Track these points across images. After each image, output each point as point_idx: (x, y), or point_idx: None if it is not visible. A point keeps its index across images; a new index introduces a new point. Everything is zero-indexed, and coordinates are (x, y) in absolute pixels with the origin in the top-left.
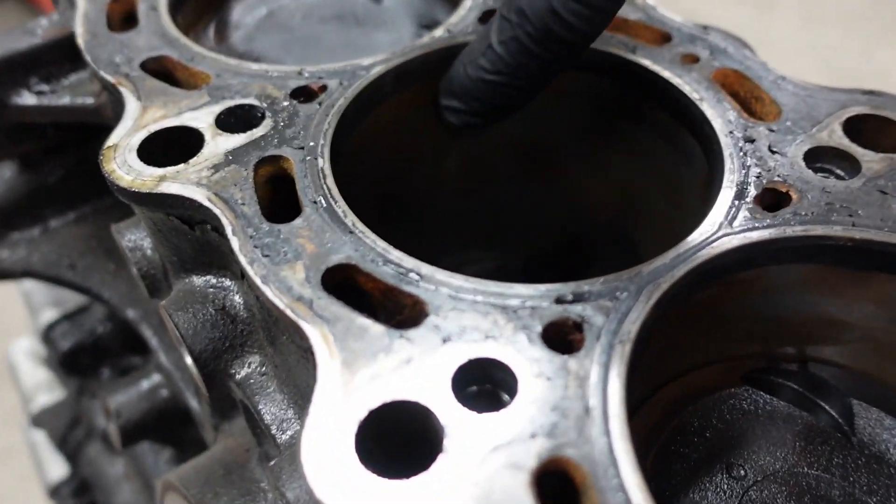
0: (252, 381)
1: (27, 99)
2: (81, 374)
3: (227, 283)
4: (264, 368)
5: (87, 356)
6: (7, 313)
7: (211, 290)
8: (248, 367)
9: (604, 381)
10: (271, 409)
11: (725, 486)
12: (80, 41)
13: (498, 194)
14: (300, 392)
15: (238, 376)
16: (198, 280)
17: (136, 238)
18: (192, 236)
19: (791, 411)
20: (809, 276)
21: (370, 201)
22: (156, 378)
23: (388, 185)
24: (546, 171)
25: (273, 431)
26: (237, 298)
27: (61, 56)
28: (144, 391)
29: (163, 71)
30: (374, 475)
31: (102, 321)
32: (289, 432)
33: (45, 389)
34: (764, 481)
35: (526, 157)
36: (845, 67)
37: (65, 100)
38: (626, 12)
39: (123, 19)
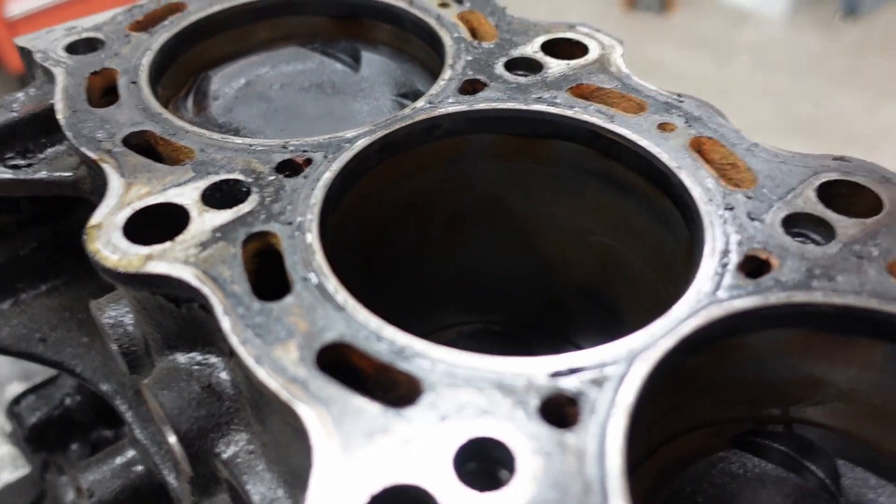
0: (239, 459)
1: (2, 173)
2: (49, 449)
3: (213, 359)
4: (252, 447)
5: (54, 430)
6: None
7: (196, 367)
8: (236, 445)
9: (601, 455)
10: (260, 489)
11: None
12: (61, 117)
13: (478, 257)
14: (291, 472)
15: (224, 455)
16: (182, 357)
17: (116, 314)
18: (178, 314)
19: (779, 473)
20: (793, 341)
21: (356, 268)
22: (130, 453)
23: (373, 251)
24: (525, 235)
25: None
26: (223, 375)
27: (38, 130)
28: (118, 468)
29: (145, 146)
30: None
31: (71, 393)
32: None
33: (9, 466)
34: None
35: (505, 221)
36: (799, 113)
37: (41, 174)
38: (602, 81)
39: (104, 93)
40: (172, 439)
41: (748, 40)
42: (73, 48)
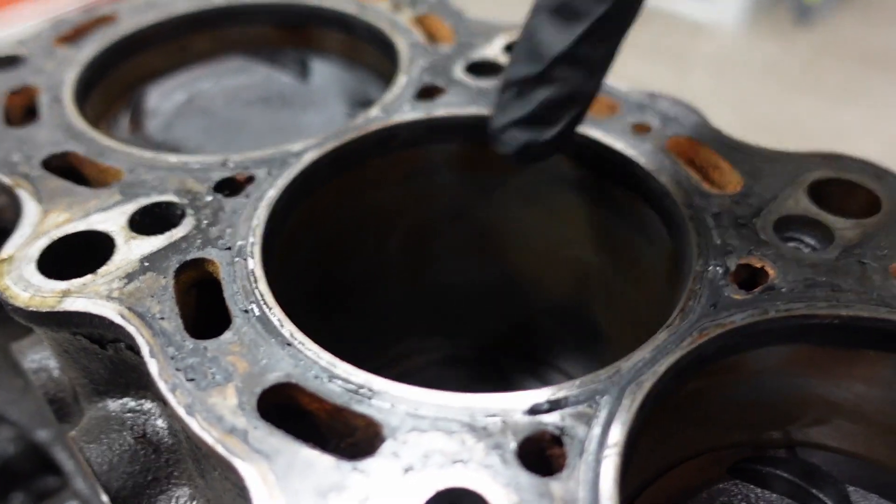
0: None
1: None
2: None
3: (148, 405)
4: (195, 502)
5: None
6: None
7: (128, 414)
8: (175, 501)
9: (593, 501)
10: None
11: None
12: None
13: (443, 277)
14: None
15: None
16: (113, 404)
17: (39, 358)
18: (105, 356)
19: None
20: (794, 357)
21: (306, 295)
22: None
23: (325, 275)
24: (493, 251)
25: None
26: (160, 423)
27: None
28: None
29: (68, 168)
30: None
31: (13, 440)
32: None
33: None
34: None
35: (471, 236)
36: (759, 118)
37: None
38: None
39: (24, 113)
40: (104, 498)
41: (706, 50)
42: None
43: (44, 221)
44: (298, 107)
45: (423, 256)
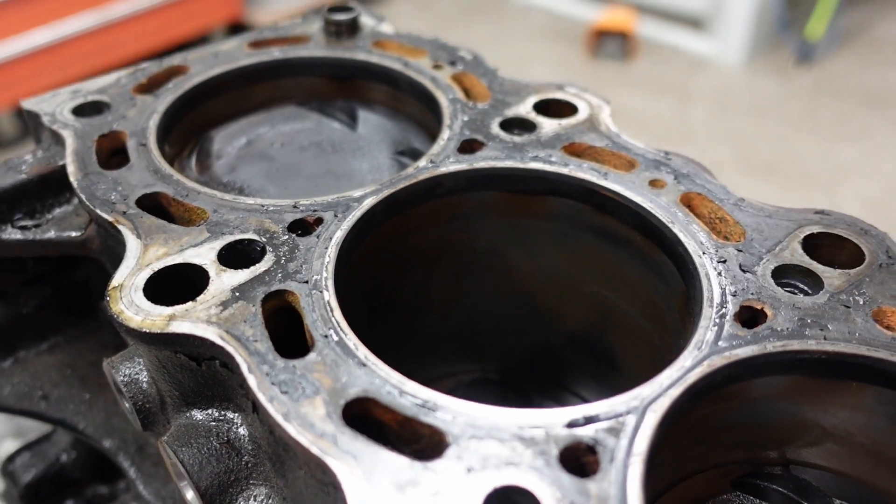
0: None
1: (11, 234)
2: None
3: (231, 415)
4: (271, 501)
5: (49, 488)
6: None
7: (214, 423)
8: (254, 499)
9: (623, 500)
10: None
11: None
12: (73, 180)
13: (477, 308)
14: None
15: None
16: (199, 414)
17: (131, 372)
18: (198, 371)
19: None
20: (788, 386)
21: (360, 320)
22: None
23: (377, 304)
24: (522, 286)
25: None
26: (242, 431)
27: (46, 191)
28: None
29: (158, 207)
30: None
31: (67, 449)
32: None
33: None
34: None
35: (503, 272)
36: (758, 155)
37: (50, 234)
38: (593, 139)
39: (111, 155)
40: (189, 495)
41: (707, 86)
42: (79, 111)
43: (145, 254)
44: (347, 152)
45: (460, 289)
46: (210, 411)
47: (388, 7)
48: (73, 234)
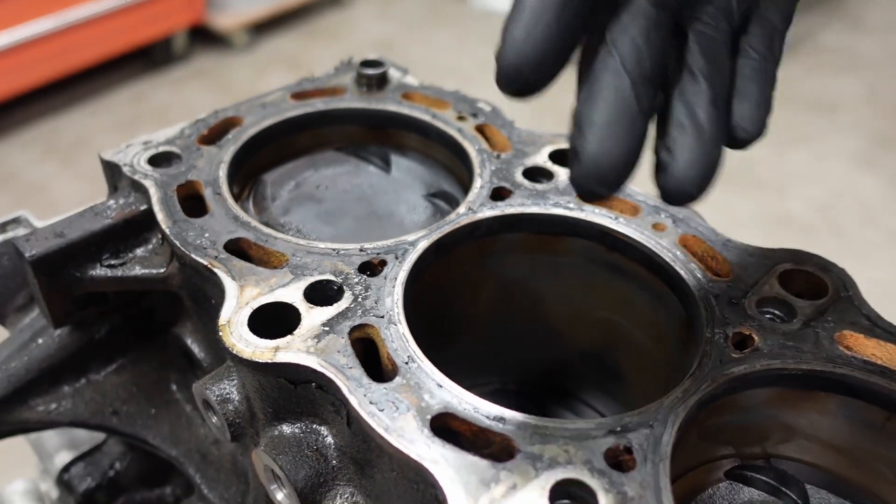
0: None
1: (99, 272)
2: None
3: (318, 427)
4: (355, 497)
5: (103, 494)
6: None
7: (303, 434)
8: (340, 497)
9: (657, 490)
10: None
11: None
12: (165, 227)
13: (501, 330)
14: None
15: None
16: (288, 427)
17: (222, 392)
18: (293, 392)
19: (765, 499)
20: (771, 396)
21: (421, 339)
22: None
23: (424, 329)
24: (541, 311)
25: None
26: (328, 440)
27: (129, 233)
28: None
29: (241, 251)
30: None
31: (118, 458)
32: None
33: None
34: None
35: (526, 300)
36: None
37: (136, 271)
38: None
39: (191, 203)
40: (280, 496)
41: None
42: (154, 161)
43: (242, 295)
44: (384, 193)
45: (490, 315)
46: (299, 424)
47: (352, 10)
48: (157, 271)
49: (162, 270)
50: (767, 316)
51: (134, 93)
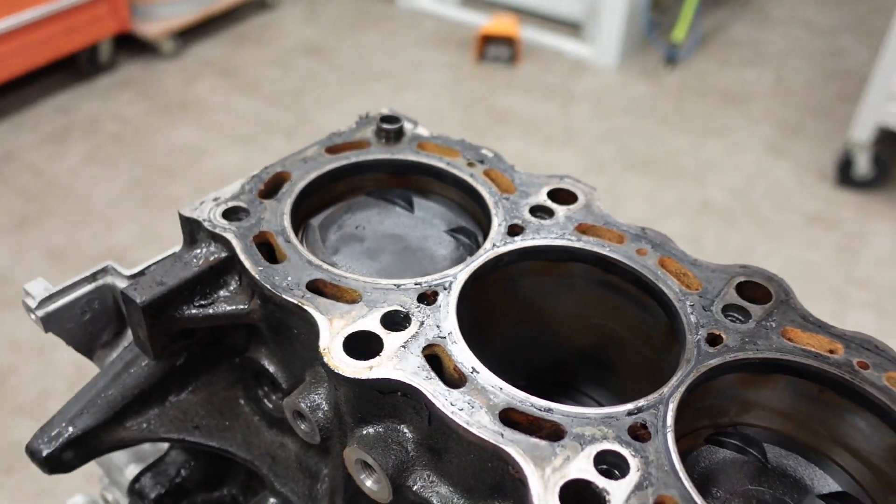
0: (424, 487)
1: (193, 311)
2: None
3: (398, 426)
4: (431, 478)
5: (171, 499)
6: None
7: (386, 432)
8: (420, 479)
9: (668, 452)
10: (443, 499)
11: None
12: (254, 273)
13: (514, 336)
14: (469, 489)
15: (414, 487)
16: (373, 427)
17: (312, 402)
18: (382, 400)
19: (734, 457)
20: (736, 379)
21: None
22: (272, 500)
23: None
24: (546, 318)
25: None
26: (408, 435)
27: (213, 278)
28: None
29: (319, 290)
30: None
31: (181, 466)
32: None
33: None
34: (732, 498)
35: (534, 311)
36: (636, 152)
37: (225, 308)
38: (593, 220)
39: (265, 250)
40: (369, 482)
41: (587, 88)
42: (227, 215)
43: (332, 326)
44: (411, 230)
45: (506, 327)
46: (382, 424)
47: (278, 13)
48: (241, 307)
49: (245, 307)
50: (730, 319)
51: (59, 104)
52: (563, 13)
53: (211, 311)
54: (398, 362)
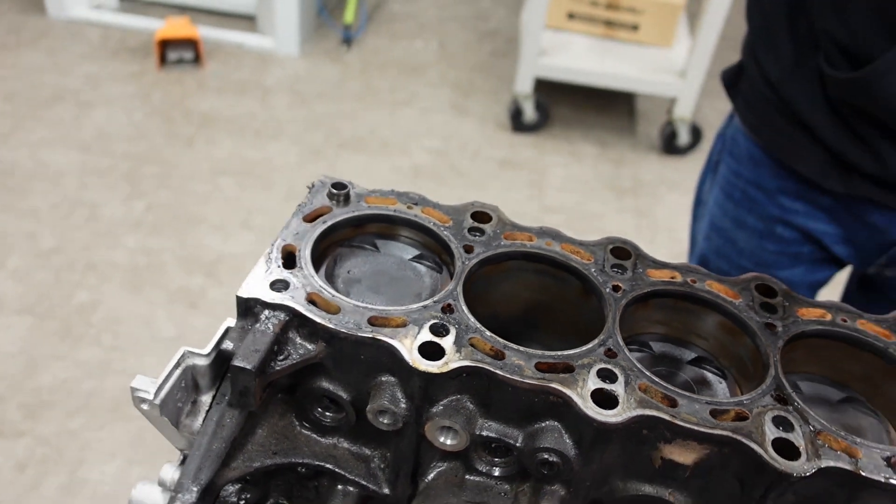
0: (483, 428)
1: (277, 366)
2: None
3: (458, 396)
4: (490, 422)
5: None
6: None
7: (452, 402)
8: (480, 425)
9: (630, 386)
10: (499, 432)
11: None
12: (329, 324)
13: (509, 328)
14: (511, 420)
15: (478, 431)
16: (443, 403)
17: (391, 400)
18: (449, 382)
19: (641, 355)
20: (633, 309)
21: None
22: (339, 487)
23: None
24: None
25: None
26: (466, 400)
27: (284, 337)
28: (344, 496)
29: (380, 324)
30: None
31: (238, 493)
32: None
33: None
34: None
35: (529, 310)
36: (344, 133)
37: (300, 357)
38: (510, 229)
39: (313, 305)
40: (450, 441)
41: (278, 78)
42: (273, 286)
43: (404, 344)
44: (386, 265)
45: (479, 311)
46: (448, 398)
47: None
48: (312, 352)
49: (315, 351)
50: (617, 273)
51: None
52: (234, 7)
53: (289, 362)
54: (461, 356)
